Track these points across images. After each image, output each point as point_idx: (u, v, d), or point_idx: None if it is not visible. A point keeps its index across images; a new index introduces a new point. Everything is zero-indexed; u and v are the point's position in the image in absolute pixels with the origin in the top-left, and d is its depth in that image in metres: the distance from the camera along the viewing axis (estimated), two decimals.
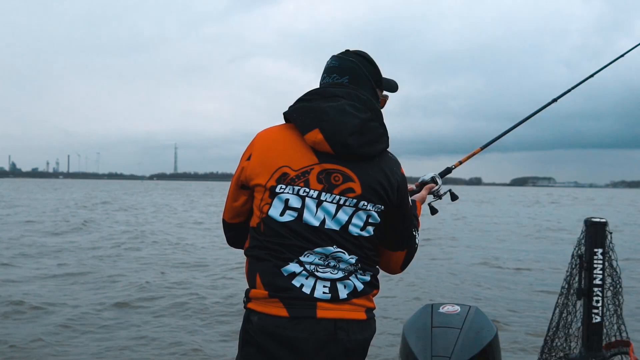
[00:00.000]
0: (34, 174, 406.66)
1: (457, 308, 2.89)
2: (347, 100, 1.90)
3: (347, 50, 2.08)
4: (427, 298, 7.91)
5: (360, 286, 1.90)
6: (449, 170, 2.56)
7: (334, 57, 2.06)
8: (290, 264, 1.85)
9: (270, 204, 1.87)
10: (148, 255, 12.55)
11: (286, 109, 1.98)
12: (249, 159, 1.93)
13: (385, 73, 2.13)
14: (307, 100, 1.93)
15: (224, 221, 2.11)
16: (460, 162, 2.63)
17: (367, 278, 1.93)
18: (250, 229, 1.96)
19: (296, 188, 1.85)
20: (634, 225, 24.89)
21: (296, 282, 1.84)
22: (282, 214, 1.86)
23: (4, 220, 21.84)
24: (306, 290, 1.84)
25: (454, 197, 2.54)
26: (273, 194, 1.87)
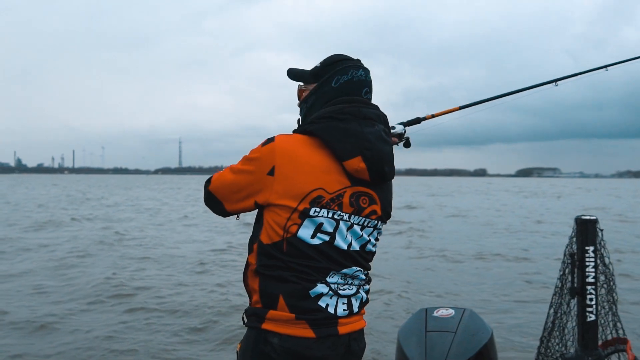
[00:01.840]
0: (39, 169, 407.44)
1: (452, 311, 2.87)
2: (380, 124, 1.91)
3: (359, 60, 2.02)
4: (422, 302, 7.86)
5: (365, 297, 1.97)
6: (418, 120, 2.39)
7: (361, 68, 1.97)
8: (318, 285, 1.84)
9: (300, 225, 1.82)
10: (126, 253, 12.34)
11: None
12: (271, 173, 1.81)
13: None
14: (340, 120, 1.85)
15: (218, 202, 1.96)
16: (433, 116, 2.45)
17: (367, 287, 1.99)
18: (264, 245, 1.86)
19: (331, 212, 1.83)
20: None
21: (322, 303, 1.85)
22: (312, 237, 1.83)
23: None
24: (331, 310, 1.86)
25: (407, 145, 2.36)
26: (304, 216, 1.82)
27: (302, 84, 2.04)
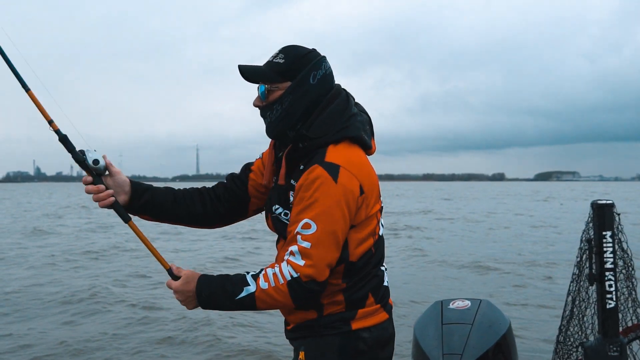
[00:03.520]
0: (58, 177, 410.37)
1: (468, 303, 2.83)
2: None
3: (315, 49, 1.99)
4: (437, 295, 7.81)
5: None
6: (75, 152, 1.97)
7: (325, 58, 1.95)
8: (382, 268, 1.96)
9: (378, 223, 1.92)
10: (123, 263, 12.30)
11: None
12: (362, 192, 1.79)
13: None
14: (358, 114, 1.92)
15: (312, 284, 1.74)
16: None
17: None
18: (354, 263, 1.84)
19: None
20: None
21: (385, 283, 1.97)
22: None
23: None
24: (387, 285, 1.99)
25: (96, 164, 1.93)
26: (380, 211, 1.93)
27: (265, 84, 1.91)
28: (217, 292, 1.79)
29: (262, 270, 1.80)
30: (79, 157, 1.90)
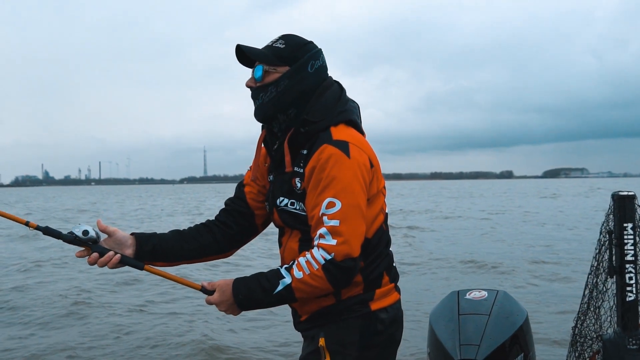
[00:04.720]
0: (67, 181, 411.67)
1: (485, 293, 2.82)
2: None
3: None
4: (453, 285, 7.78)
5: None
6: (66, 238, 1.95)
7: (322, 50, 1.97)
8: (390, 249, 1.97)
9: (384, 199, 1.94)
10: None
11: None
12: (372, 165, 1.85)
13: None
14: (351, 100, 1.97)
15: (348, 261, 1.74)
16: None
17: None
18: (369, 239, 1.86)
19: None
20: None
21: (394, 264, 1.97)
22: None
23: None
24: (395, 266, 1.98)
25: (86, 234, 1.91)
26: (384, 187, 1.94)
27: (263, 65, 1.91)
28: (254, 290, 1.80)
29: (294, 261, 1.79)
30: (69, 237, 1.90)
